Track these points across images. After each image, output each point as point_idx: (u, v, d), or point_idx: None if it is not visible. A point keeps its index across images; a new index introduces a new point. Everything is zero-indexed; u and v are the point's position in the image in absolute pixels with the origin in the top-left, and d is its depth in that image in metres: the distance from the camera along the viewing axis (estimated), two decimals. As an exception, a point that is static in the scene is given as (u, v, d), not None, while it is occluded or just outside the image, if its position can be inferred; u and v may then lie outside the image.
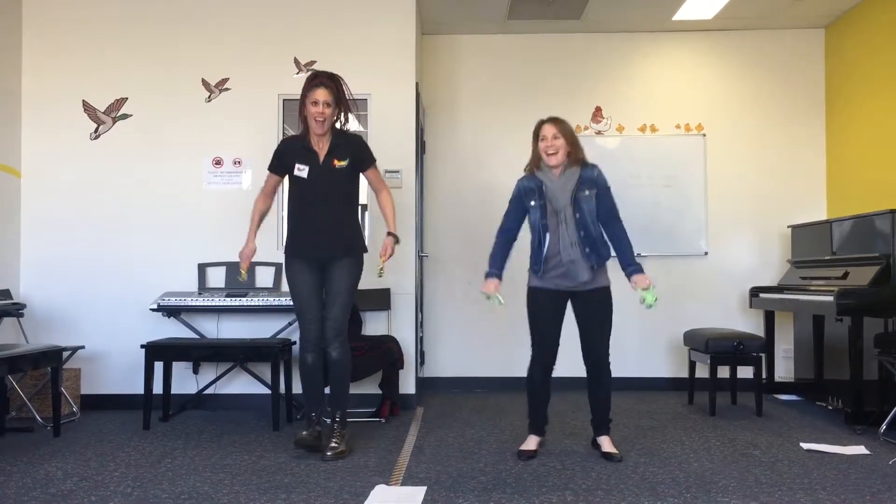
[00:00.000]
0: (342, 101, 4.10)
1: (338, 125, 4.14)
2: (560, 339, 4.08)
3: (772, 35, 6.48)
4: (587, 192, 3.98)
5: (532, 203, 4.05)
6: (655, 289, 3.98)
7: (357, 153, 4.14)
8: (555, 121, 4.04)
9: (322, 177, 4.06)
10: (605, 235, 4.05)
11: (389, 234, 4.20)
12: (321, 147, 4.10)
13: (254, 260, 5.35)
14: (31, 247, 5.53)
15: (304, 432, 4.06)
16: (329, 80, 4.06)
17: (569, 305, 4.08)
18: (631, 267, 3.99)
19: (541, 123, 4.08)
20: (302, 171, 4.07)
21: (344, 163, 4.08)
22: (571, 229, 3.95)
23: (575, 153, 4.02)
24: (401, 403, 5.33)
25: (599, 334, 4.02)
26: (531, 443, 4.11)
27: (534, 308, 4.09)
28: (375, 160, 4.25)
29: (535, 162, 4.09)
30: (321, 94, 4.00)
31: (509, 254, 4.18)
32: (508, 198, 6.34)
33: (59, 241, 5.53)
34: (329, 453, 4.00)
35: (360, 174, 4.23)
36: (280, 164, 4.18)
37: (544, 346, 4.05)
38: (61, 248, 5.52)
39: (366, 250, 4.25)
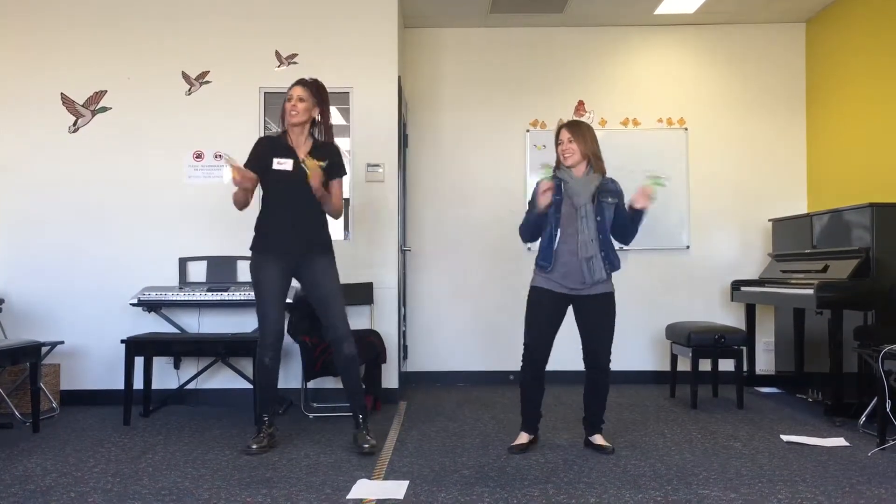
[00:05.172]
0: (322, 107, 4.12)
1: (316, 134, 4.16)
2: (553, 343, 4.05)
3: (753, 29, 6.51)
4: (609, 200, 4.01)
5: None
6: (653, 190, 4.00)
7: (333, 159, 4.13)
8: (571, 126, 4.07)
9: (301, 174, 4.03)
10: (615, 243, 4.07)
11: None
12: (301, 147, 4.11)
13: (236, 255, 5.38)
14: (9, 241, 5.46)
15: (254, 445, 4.02)
16: (310, 81, 4.11)
17: (569, 311, 4.08)
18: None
19: (560, 127, 4.11)
20: (283, 164, 4.04)
21: (323, 163, 4.07)
22: (592, 229, 3.95)
23: (596, 162, 4.05)
24: (383, 398, 5.32)
25: (602, 339, 4.02)
26: (521, 438, 4.10)
27: (532, 306, 4.06)
28: (345, 175, 4.24)
29: (557, 163, 4.13)
30: (295, 91, 4.06)
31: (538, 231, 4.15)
32: (492, 191, 6.43)
33: (37, 235, 5.46)
34: (366, 446, 3.97)
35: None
36: (257, 160, 4.09)
37: (535, 346, 4.02)
38: (40, 242, 5.46)
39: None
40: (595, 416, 4.11)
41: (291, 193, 4.05)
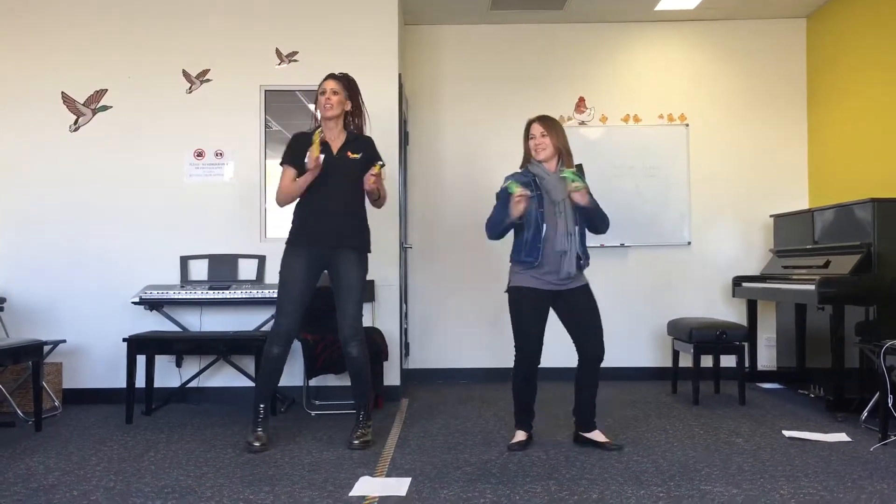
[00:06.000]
0: (354, 99, 4.18)
1: (351, 127, 4.21)
2: (544, 339, 4.05)
3: (754, 25, 6.50)
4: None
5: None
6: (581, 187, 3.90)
7: (369, 151, 4.17)
8: (543, 120, 4.08)
9: (336, 167, 4.06)
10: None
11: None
12: (335, 141, 4.14)
13: (237, 253, 5.39)
14: (10, 240, 5.47)
15: (256, 443, 4.01)
16: (341, 75, 4.18)
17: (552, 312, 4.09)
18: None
19: (530, 122, 4.11)
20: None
21: (357, 156, 4.10)
22: (570, 222, 3.97)
23: (567, 157, 4.07)
24: (385, 395, 5.32)
25: (597, 329, 4.02)
26: (519, 436, 4.10)
27: (518, 306, 4.02)
28: (384, 164, 4.23)
29: (527, 159, 4.13)
30: (328, 84, 4.12)
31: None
32: (493, 188, 6.39)
33: (39, 234, 5.47)
34: (356, 441, 4.05)
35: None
36: (294, 155, 4.12)
37: (528, 346, 4.00)
38: (42, 241, 5.47)
39: (369, 250, 4.22)
40: (590, 412, 4.10)
41: (326, 186, 4.06)
